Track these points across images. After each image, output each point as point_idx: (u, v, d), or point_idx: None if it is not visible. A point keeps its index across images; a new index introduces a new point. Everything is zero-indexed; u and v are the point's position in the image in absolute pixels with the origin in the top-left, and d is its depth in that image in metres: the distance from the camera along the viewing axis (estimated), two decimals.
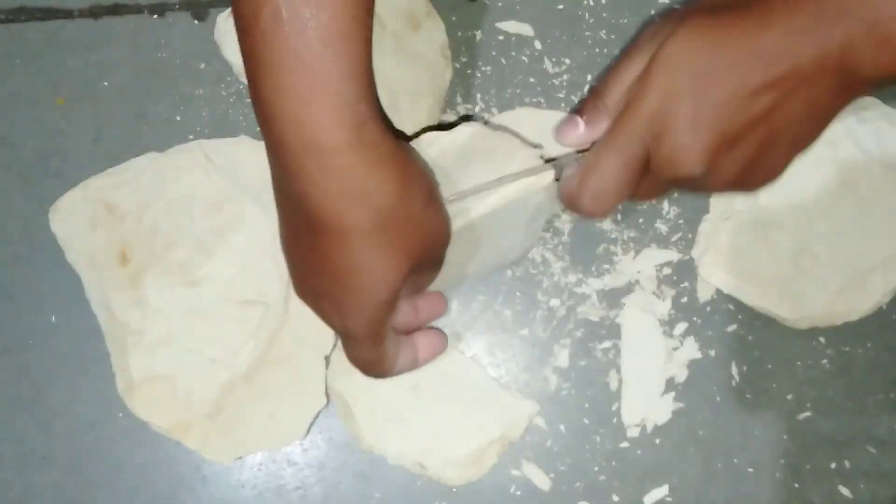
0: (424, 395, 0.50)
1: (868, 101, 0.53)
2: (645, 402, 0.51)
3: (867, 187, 0.51)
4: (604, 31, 0.54)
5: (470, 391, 0.50)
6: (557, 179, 0.43)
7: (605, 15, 0.54)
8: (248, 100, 0.53)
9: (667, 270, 0.53)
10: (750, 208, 0.52)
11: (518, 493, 0.51)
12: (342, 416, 0.51)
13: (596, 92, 0.42)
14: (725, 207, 0.52)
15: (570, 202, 0.41)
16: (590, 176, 0.40)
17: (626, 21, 0.54)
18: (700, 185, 0.40)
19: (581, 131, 0.42)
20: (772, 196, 0.52)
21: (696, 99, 0.37)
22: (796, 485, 0.51)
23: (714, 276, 0.51)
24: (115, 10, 0.54)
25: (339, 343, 0.51)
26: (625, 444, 0.51)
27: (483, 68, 0.53)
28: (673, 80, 0.38)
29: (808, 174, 0.52)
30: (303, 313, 0.51)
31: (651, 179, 0.40)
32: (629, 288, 0.52)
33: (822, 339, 0.52)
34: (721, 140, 0.38)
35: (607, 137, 0.40)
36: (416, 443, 0.49)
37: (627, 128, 0.39)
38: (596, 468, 0.51)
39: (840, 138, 0.52)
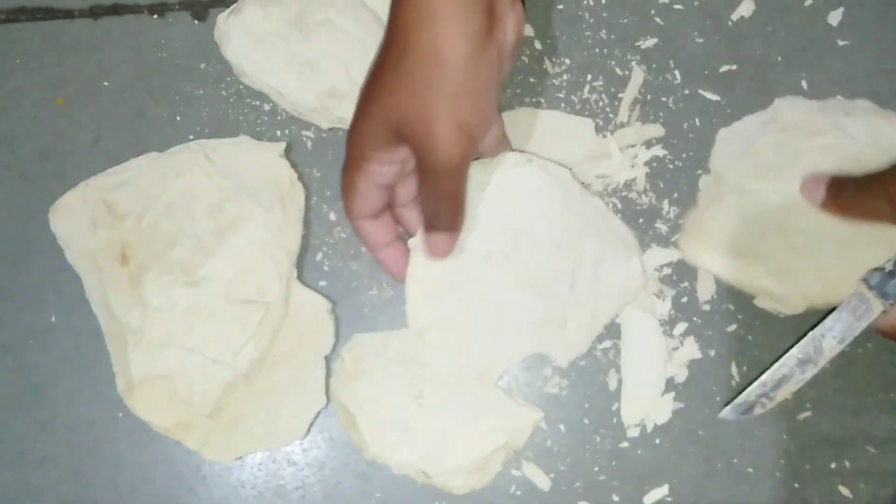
0: (428, 404, 0.50)
1: (859, 102, 0.53)
2: (645, 402, 0.51)
3: (857, 169, 0.51)
4: (604, 31, 0.54)
5: (473, 399, 0.50)
6: None
7: (605, 15, 0.54)
8: (248, 100, 0.53)
9: (667, 270, 0.53)
10: (738, 198, 0.51)
11: (518, 493, 0.51)
12: (345, 426, 0.50)
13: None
14: (712, 197, 0.52)
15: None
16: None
17: (626, 21, 0.54)
18: None
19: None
20: (760, 183, 0.51)
21: None
22: (796, 485, 0.51)
23: (700, 257, 0.51)
24: (115, 11, 0.54)
25: (339, 350, 0.51)
26: (625, 444, 0.51)
27: None
28: None
29: (792, 163, 0.51)
30: (303, 313, 0.51)
31: None
32: None
33: None
34: None
35: None
36: (421, 452, 0.49)
37: None
38: (596, 468, 0.51)
39: (825, 127, 0.51)
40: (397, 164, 0.45)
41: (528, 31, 0.54)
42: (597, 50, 0.54)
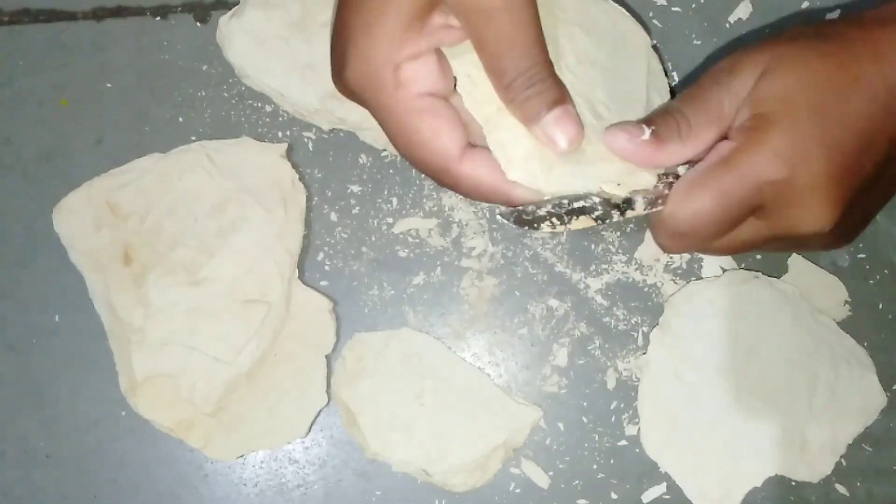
0: (428, 403, 0.50)
1: None
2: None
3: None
4: None
5: (473, 398, 0.51)
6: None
7: None
8: (250, 101, 0.53)
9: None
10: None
11: (517, 490, 0.51)
12: (346, 425, 0.51)
13: (670, 111, 0.36)
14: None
15: (654, 227, 0.37)
16: (679, 211, 0.35)
17: None
18: (817, 242, 0.35)
19: (644, 139, 0.35)
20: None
21: (828, 145, 0.33)
22: (793, 483, 0.51)
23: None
24: (117, 13, 0.54)
25: (340, 349, 0.52)
26: (623, 443, 0.52)
27: None
28: (798, 122, 0.33)
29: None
30: (304, 313, 0.51)
31: (752, 232, 0.36)
32: None
33: None
34: (854, 192, 0.34)
35: (715, 172, 0.34)
36: (421, 450, 0.50)
37: (745, 167, 0.33)
38: (594, 466, 0.51)
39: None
40: (432, 47, 0.37)
41: None
42: None
